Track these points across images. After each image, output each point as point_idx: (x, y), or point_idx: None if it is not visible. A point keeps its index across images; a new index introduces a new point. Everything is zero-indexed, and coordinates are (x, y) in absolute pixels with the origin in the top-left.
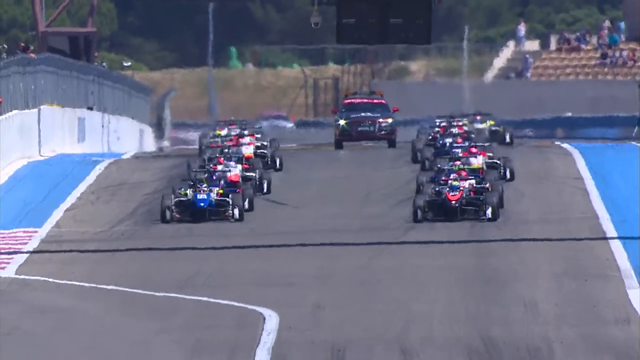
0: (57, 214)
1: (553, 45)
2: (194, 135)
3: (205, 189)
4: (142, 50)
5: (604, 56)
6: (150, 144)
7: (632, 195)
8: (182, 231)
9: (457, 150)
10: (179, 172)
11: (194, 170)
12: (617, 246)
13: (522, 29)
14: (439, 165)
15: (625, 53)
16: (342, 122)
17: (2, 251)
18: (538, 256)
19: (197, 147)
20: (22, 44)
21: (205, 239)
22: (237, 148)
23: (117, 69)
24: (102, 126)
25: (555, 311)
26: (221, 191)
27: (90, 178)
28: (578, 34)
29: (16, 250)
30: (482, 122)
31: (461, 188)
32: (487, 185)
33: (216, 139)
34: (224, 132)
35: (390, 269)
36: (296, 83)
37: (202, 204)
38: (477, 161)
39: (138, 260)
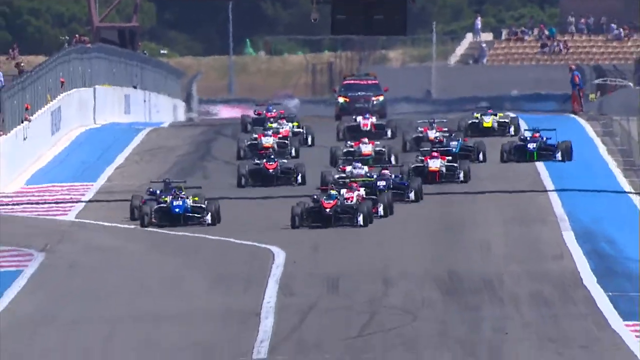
0: (109, 171)
1: (504, 37)
2: (215, 109)
3: (183, 196)
4: (176, 40)
5: (543, 46)
6: (181, 116)
7: (580, 167)
8: (209, 184)
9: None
10: (205, 138)
11: (249, 129)
12: (554, 197)
13: (478, 23)
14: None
15: (560, 44)
16: (341, 99)
17: (65, 200)
18: (490, 206)
19: (217, 118)
20: (80, 36)
21: (225, 192)
22: (277, 123)
23: (155, 56)
24: (144, 101)
25: (504, 250)
26: (196, 198)
27: (135, 142)
28: (523, 28)
29: (76, 199)
30: (492, 114)
31: (337, 197)
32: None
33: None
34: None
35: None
36: (299, 68)
37: (177, 210)
38: (435, 165)
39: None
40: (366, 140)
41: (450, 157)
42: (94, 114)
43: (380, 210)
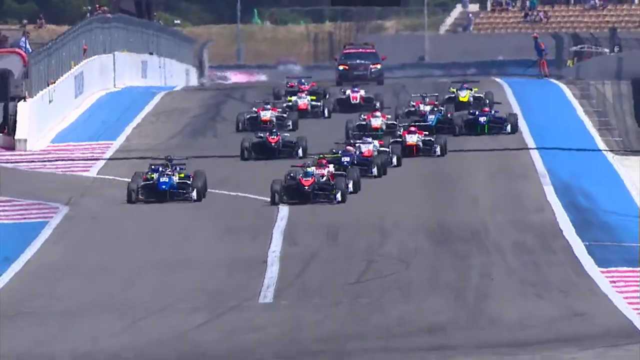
0: (127, 131)
1: (489, 7)
2: (225, 75)
3: (169, 172)
4: (188, 11)
5: (525, 16)
6: (193, 81)
7: (546, 116)
8: (219, 145)
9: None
10: (215, 101)
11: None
12: (535, 154)
13: None
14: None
15: (541, 13)
16: (341, 67)
17: (87, 158)
18: (478, 163)
19: (229, 82)
20: (101, 7)
21: (235, 151)
22: (297, 97)
23: (169, 25)
24: (159, 67)
25: (490, 203)
26: (182, 174)
27: (151, 105)
28: (504, 1)
29: (97, 157)
30: (467, 89)
31: (314, 174)
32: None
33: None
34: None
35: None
36: (302, 37)
37: (163, 187)
38: (412, 139)
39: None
40: (378, 113)
41: (427, 132)
42: (113, 79)
43: (350, 186)
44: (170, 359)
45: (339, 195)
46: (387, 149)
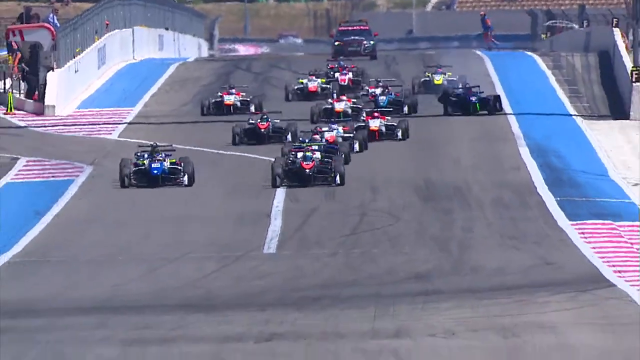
0: (145, 98)
1: None
2: (233, 47)
3: (160, 158)
4: None
5: None
6: (204, 53)
7: (522, 84)
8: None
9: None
10: (225, 71)
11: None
12: (512, 119)
13: None
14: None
15: None
16: (337, 43)
17: (109, 122)
18: (460, 127)
19: (234, 54)
20: None
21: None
22: (307, 79)
23: (183, 2)
24: (174, 40)
25: (472, 163)
26: (173, 160)
27: (167, 74)
28: None
29: (118, 122)
30: (441, 73)
31: (314, 158)
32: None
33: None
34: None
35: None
36: (302, 13)
37: (155, 172)
38: (375, 124)
39: (198, 128)
40: (344, 97)
41: (389, 118)
42: (133, 51)
43: (337, 179)
44: (183, 303)
45: (337, 178)
46: (352, 134)
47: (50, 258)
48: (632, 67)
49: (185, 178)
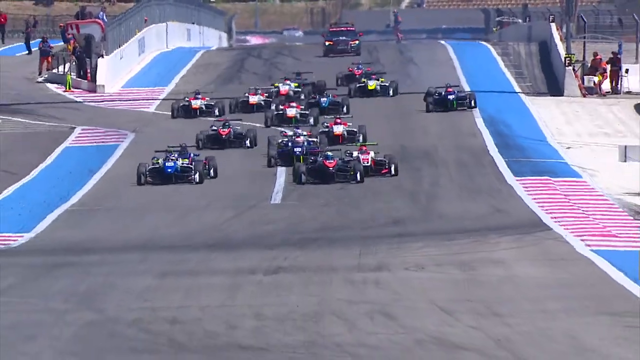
0: (176, 79)
1: None
2: (246, 38)
3: (173, 158)
4: None
5: None
6: (224, 43)
7: (478, 68)
8: (243, 89)
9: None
10: (240, 57)
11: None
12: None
13: None
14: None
15: None
16: (327, 43)
17: (148, 98)
18: (428, 132)
19: (247, 44)
20: None
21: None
22: (282, 83)
23: (206, 2)
24: (199, 33)
25: (438, 131)
26: (186, 160)
27: (193, 60)
28: None
29: (155, 98)
30: (375, 79)
31: (334, 158)
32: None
33: None
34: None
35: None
36: (302, 10)
37: (169, 170)
38: (339, 130)
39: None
40: (294, 104)
41: (350, 124)
42: (166, 41)
43: (357, 176)
44: (208, 243)
45: (357, 175)
46: (316, 139)
47: (100, 207)
48: (565, 54)
49: (197, 176)
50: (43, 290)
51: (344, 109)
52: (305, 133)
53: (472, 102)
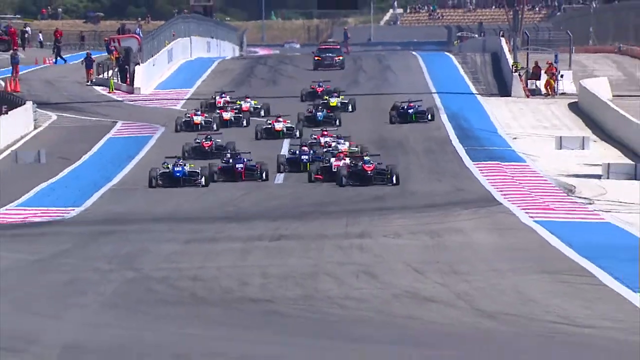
0: (198, 82)
1: (408, 10)
2: (255, 50)
3: (181, 163)
4: (232, 13)
5: (429, 15)
6: (237, 53)
7: (442, 73)
8: (252, 91)
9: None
10: (250, 65)
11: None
12: (436, 97)
13: (395, 3)
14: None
15: (438, 13)
16: (316, 58)
17: (175, 98)
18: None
19: (256, 55)
20: (183, 10)
21: (262, 91)
22: (244, 101)
23: (222, 20)
24: (216, 45)
25: (409, 125)
26: (192, 165)
27: (212, 67)
28: (418, 5)
29: (181, 97)
30: (336, 97)
31: (372, 162)
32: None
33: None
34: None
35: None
36: (300, 27)
37: (178, 174)
38: (325, 140)
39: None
40: (281, 119)
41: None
42: (190, 52)
43: (394, 179)
44: (223, 216)
45: (394, 178)
46: (357, 147)
47: (137, 186)
48: (512, 62)
49: (203, 179)
50: (91, 254)
51: (337, 122)
52: (347, 142)
53: (430, 115)
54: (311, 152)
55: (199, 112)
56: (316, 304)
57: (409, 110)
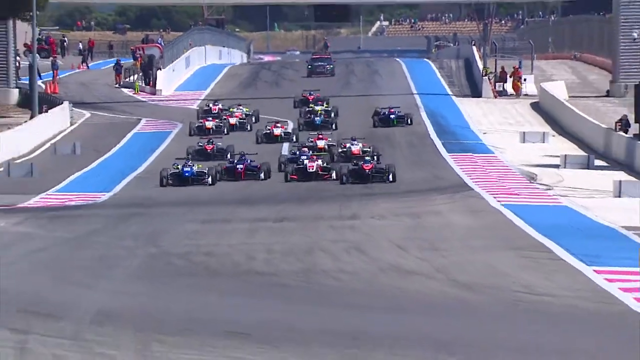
0: (212, 85)
1: (393, 22)
2: (261, 57)
3: (189, 164)
4: (241, 25)
5: (411, 27)
6: (245, 60)
7: (422, 77)
8: (257, 92)
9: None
10: (256, 70)
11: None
12: (417, 97)
13: (382, 16)
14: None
15: (419, 25)
16: (309, 66)
17: (192, 98)
18: (388, 104)
19: (261, 61)
20: (199, 22)
21: (265, 92)
22: (236, 108)
23: (232, 32)
24: (227, 53)
25: (395, 122)
26: (200, 165)
27: (223, 72)
28: (401, 18)
29: (196, 98)
30: (320, 105)
31: (371, 162)
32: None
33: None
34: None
35: None
36: (300, 37)
37: (187, 174)
38: (321, 143)
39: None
40: (279, 124)
41: (330, 139)
42: (205, 59)
43: (390, 177)
44: (234, 201)
45: (390, 177)
46: (368, 148)
47: (156, 174)
48: (482, 68)
49: (210, 179)
50: (119, 233)
51: (333, 125)
52: (360, 144)
53: (409, 120)
54: (309, 152)
55: (209, 118)
56: (313, 276)
57: (390, 116)
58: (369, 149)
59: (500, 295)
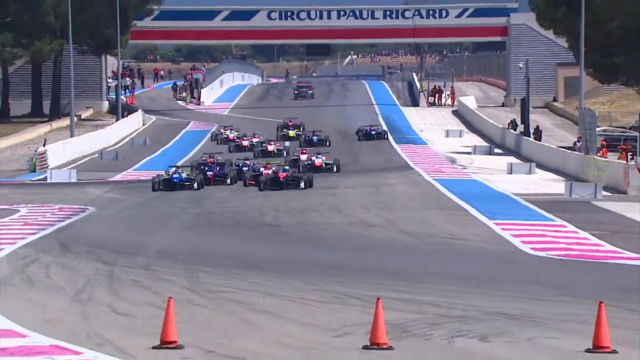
0: (237, 98)
1: (360, 56)
2: (270, 80)
3: (179, 171)
4: (257, 58)
5: (372, 59)
6: (259, 82)
7: (379, 93)
8: (268, 103)
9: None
10: (267, 88)
11: None
12: (377, 107)
13: (352, 52)
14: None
15: (377, 58)
16: (296, 92)
17: (223, 108)
18: (356, 115)
19: (271, 82)
20: (228, 56)
21: (278, 102)
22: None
23: (251, 62)
24: (248, 77)
25: (360, 124)
26: (188, 172)
27: (245, 90)
28: (365, 54)
29: (227, 107)
30: (294, 129)
31: (287, 170)
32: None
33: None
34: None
35: None
36: (297, 66)
37: (175, 180)
38: (303, 157)
39: (255, 111)
40: (272, 142)
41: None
42: (232, 80)
43: (302, 184)
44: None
45: (302, 184)
46: (331, 161)
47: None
48: (419, 87)
49: (196, 184)
50: (174, 197)
51: (327, 143)
52: (323, 157)
53: (386, 135)
54: (287, 167)
55: (231, 130)
56: (307, 227)
57: (371, 132)
58: (330, 161)
59: (431, 239)
